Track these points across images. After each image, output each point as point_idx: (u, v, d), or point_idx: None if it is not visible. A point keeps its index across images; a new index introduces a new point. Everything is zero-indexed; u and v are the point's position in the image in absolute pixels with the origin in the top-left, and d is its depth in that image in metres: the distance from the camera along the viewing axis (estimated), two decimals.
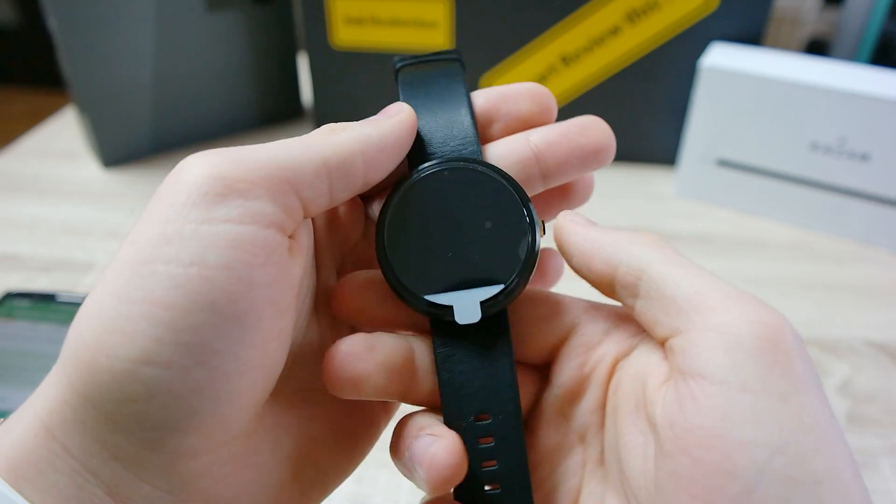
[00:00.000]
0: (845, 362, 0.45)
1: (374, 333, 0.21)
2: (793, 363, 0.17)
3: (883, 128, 0.51)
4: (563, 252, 0.22)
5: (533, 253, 0.21)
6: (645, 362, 0.20)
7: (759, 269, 0.53)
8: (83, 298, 0.45)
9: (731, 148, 0.57)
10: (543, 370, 0.22)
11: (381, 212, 0.21)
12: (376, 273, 0.22)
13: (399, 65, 0.24)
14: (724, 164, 0.58)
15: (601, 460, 0.21)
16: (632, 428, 0.19)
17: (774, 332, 0.17)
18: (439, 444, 0.19)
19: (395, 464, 0.21)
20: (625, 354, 0.21)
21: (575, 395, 0.21)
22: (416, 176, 0.21)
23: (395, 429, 0.21)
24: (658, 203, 0.61)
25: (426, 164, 0.21)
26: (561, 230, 0.22)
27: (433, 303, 0.20)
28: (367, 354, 0.20)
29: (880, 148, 0.51)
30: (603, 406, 0.21)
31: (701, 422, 0.17)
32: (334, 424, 0.23)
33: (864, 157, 0.52)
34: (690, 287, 0.19)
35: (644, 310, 0.20)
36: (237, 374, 0.17)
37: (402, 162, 0.22)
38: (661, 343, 0.19)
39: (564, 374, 0.21)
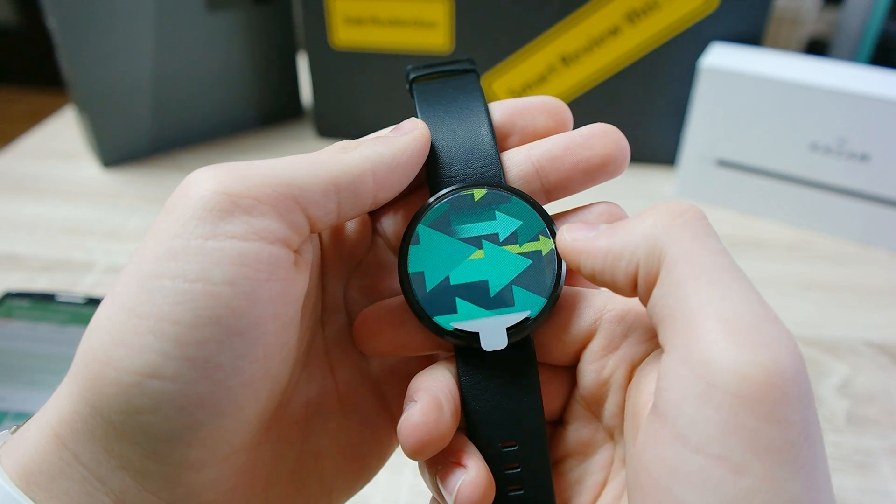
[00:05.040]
0: (845, 363, 0.45)
1: (422, 382, 0.20)
2: (771, 432, 0.14)
3: (883, 128, 0.51)
4: (581, 269, 0.20)
5: (559, 279, 0.20)
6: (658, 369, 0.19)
7: (758, 269, 0.53)
8: (83, 298, 0.45)
9: (730, 148, 0.57)
10: (573, 369, 0.22)
11: (404, 238, 0.21)
12: (389, 303, 0.22)
13: (413, 76, 0.23)
14: (723, 164, 0.58)
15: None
16: None
17: (760, 390, 0.14)
18: (468, 478, 0.19)
19: (422, 476, 0.21)
20: (641, 359, 0.20)
21: (599, 398, 0.21)
22: (438, 201, 0.21)
23: None
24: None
25: (449, 189, 0.21)
26: (570, 250, 0.20)
27: (459, 330, 0.20)
28: (439, 415, 0.19)
29: (880, 148, 0.51)
30: (624, 410, 0.20)
31: (652, 468, 0.16)
32: (341, 440, 0.23)
33: (864, 158, 0.52)
34: (693, 301, 0.16)
35: (654, 309, 0.18)
36: (240, 387, 0.17)
37: (416, 176, 0.21)
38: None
39: (585, 377, 0.21)
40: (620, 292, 0.19)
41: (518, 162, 0.22)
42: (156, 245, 0.17)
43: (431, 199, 0.21)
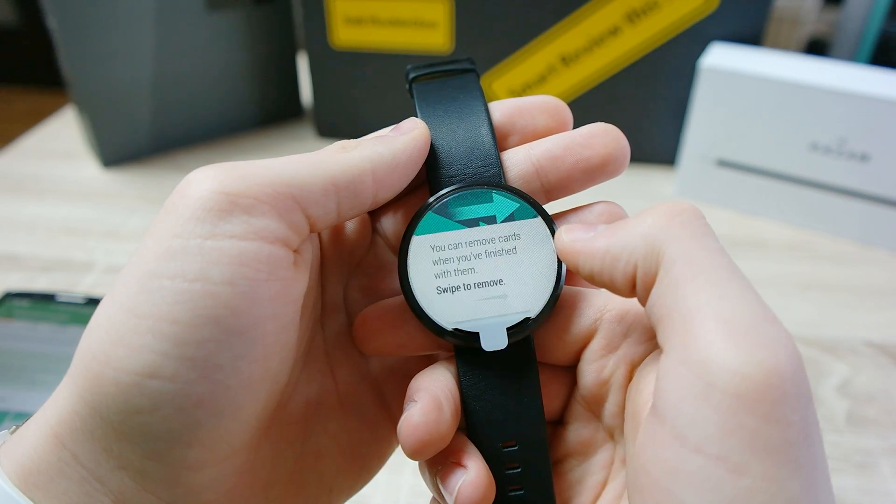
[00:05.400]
0: (845, 363, 0.45)
1: (422, 382, 0.20)
2: (770, 432, 0.14)
3: (883, 128, 0.51)
4: (579, 270, 0.20)
5: (559, 279, 0.20)
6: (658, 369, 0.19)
7: (758, 269, 0.53)
8: (83, 298, 0.45)
9: (730, 148, 0.57)
10: (573, 369, 0.22)
11: (404, 238, 0.21)
12: (389, 303, 0.22)
13: (413, 75, 0.23)
14: (723, 164, 0.58)
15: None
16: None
17: (759, 390, 0.14)
18: (468, 478, 0.19)
19: (422, 476, 0.21)
20: (641, 359, 0.20)
21: (599, 397, 0.21)
22: (438, 201, 0.21)
23: None
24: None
25: (449, 189, 0.21)
26: (568, 251, 0.20)
27: (459, 330, 0.20)
28: (439, 415, 0.19)
29: (880, 148, 0.51)
30: (624, 410, 0.20)
31: (652, 468, 0.16)
32: (341, 440, 0.23)
33: (864, 158, 0.52)
34: (692, 301, 0.16)
35: (653, 309, 0.18)
36: (239, 388, 0.17)
37: (416, 176, 0.21)
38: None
39: (586, 377, 0.21)
40: (619, 293, 0.19)
41: (518, 161, 0.22)
42: (155, 245, 0.17)
43: (431, 199, 0.21)
